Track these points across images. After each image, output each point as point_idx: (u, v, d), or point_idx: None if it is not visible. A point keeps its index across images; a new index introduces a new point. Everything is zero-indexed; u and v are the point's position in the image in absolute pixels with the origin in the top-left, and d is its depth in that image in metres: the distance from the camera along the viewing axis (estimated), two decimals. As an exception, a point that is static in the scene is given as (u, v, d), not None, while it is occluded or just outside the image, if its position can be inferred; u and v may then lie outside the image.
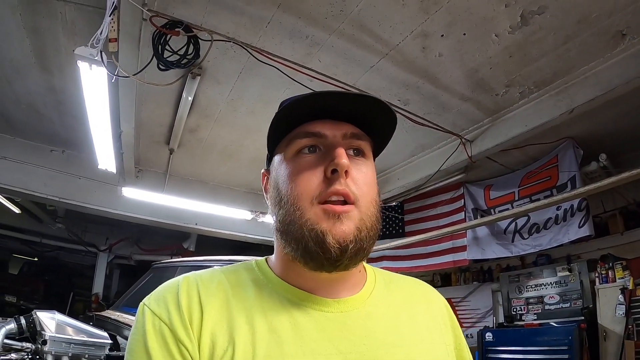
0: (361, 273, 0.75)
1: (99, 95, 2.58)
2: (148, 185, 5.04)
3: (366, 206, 0.65)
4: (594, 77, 3.01)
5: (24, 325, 3.13)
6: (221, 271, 0.72)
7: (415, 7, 2.52)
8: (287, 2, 2.47)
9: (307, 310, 0.66)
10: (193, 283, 0.66)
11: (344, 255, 0.62)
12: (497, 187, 4.57)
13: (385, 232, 5.92)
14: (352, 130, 0.69)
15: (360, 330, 0.66)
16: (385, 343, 0.66)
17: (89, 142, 3.59)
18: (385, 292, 0.76)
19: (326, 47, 2.86)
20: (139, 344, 0.60)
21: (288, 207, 0.66)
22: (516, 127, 3.50)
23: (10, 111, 4.25)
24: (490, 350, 4.29)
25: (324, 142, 0.67)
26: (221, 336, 0.60)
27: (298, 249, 0.64)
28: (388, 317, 0.71)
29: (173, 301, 0.63)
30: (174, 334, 0.59)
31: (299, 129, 0.69)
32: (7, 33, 3.03)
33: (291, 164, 0.68)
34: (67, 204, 5.04)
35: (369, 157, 0.72)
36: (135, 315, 0.64)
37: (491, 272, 5.27)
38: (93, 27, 2.73)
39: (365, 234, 0.64)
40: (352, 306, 0.68)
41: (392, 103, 3.40)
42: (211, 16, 2.57)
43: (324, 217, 0.62)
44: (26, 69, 3.47)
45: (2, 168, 4.81)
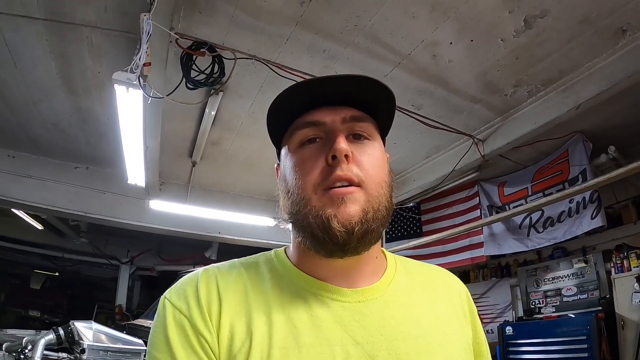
0: (379, 259, 0.76)
1: (133, 116, 2.82)
2: (171, 197, 5.28)
3: (373, 187, 0.66)
4: (598, 72, 3.15)
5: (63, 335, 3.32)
6: (240, 263, 0.75)
7: (425, 18, 2.71)
8: (304, 20, 2.69)
9: (324, 300, 0.67)
10: (212, 276, 0.69)
11: (350, 238, 0.62)
12: (510, 184, 4.72)
13: (403, 232, 6.11)
14: (351, 113, 0.69)
15: (377, 320, 0.67)
16: (403, 333, 0.66)
17: (114, 158, 3.83)
18: (406, 280, 0.77)
19: (342, 59, 3.08)
20: (160, 336, 0.62)
21: (294, 198, 0.67)
22: (526, 125, 3.66)
23: (36, 131, 4.51)
24: (510, 344, 4.41)
25: (324, 129, 0.69)
26: (239, 328, 0.62)
27: (306, 237, 0.66)
28: (407, 307, 0.71)
29: (193, 294, 0.65)
30: (194, 326, 0.62)
31: (299, 119, 0.71)
32: (33, 57, 3.26)
33: (295, 156, 0.70)
34: (93, 218, 5.29)
35: (374, 137, 0.73)
36: (157, 308, 0.68)
37: (509, 268, 5.40)
38: (119, 49, 3.01)
39: (371, 215, 0.64)
40: (370, 295, 0.69)
41: (406, 108, 3.60)
42: (233, 35, 2.80)
43: (329, 202, 0.63)
44: (52, 91, 3.70)
45: (28, 186, 5.08)
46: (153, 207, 4.97)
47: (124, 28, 2.73)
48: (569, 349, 3.85)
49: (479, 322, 0.82)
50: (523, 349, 4.26)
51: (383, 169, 0.70)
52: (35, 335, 3.63)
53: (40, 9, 2.72)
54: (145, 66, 2.22)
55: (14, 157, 5.12)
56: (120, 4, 2.63)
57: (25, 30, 2.94)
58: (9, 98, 3.85)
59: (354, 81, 0.67)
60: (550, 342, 4.02)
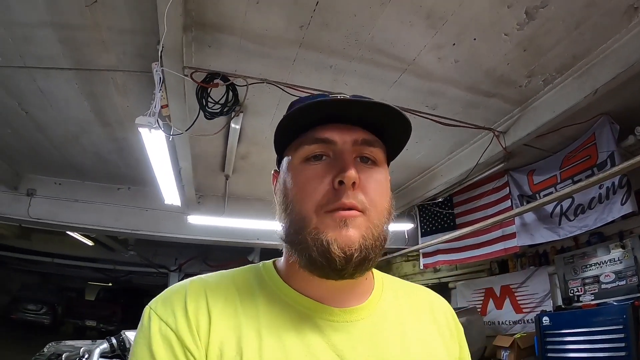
0: (368, 280, 0.76)
1: (159, 149, 3.16)
2: (209, 209, 5.68)
3: (375, 215, 0.66)
4: (613, 55, 3.10)
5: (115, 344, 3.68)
6: (229, 275, 0.74)
7: (422, 25, 2.82)
8: (306, 41, 2.89)
9: (313, 319, 0.67)
10: (201, 288, 0.68)
11: (348, 264, 0.62)
12: (539, 172, 4.71)
13: (437, 226, 6.21)
14: (363, 136, 0.68)
15: (366, 340, 0.67)
16: (391, 354, 0.67)
17: (152, 178, 4.20)
18: (392, 301, 0.78)
19: (350, 72, 3.25)
20: (143, 348, 0.61)
21: (294, 216, 0.66)
22: (545, 114, 3.66)
23: (79, 160, 5.00)
24: (548, 334, 4.41)
25: (334, 148, 0.67)
26: (229, 345, 0.62)
27: (303, 258, 0.65)
28: (394, 327, 0.72)
29: (180, 306, 0.64)
30: (181, 340, 0.61)
31: (309, 133, 0.68)
32: (67, 99, 3.69)
33: (299, 171, 0.68)
34: (138, 234, 5.78)
35: (382, 164, 0.72)
36: (141, 317, 0.65)
37: (547, 255, 5.37)
38: (141, 85, 3.35)
39: (370, 242, 0.64)
40: (358, 315, 0.70)
41: (421, 110, 3.71)
42: (243, 63, 3.04)
43: (330, 225, 0.63)
44: (88, 126, 4.15)
45: (76, 209, 5.63)
46: (192, 221, 5.37)
47: (142, 69, 3.06)
48: (605, 339, 3.83)
49: (464, 341, 0.84)
50: (561, 339, 4.25)
51: (386, 196, 0.70)
52: (92, 344, 4.02)
53: (67, 59, 3.12)
54: (163, 108, 2.51)
55: (60, 184, 5.68)
56: (137, 49, 2.97)
57: (55, 78, 3.36)
58: (50, 135, 4.34)
59: (370, 106, 0.66)
60: (586, 332, 4.01)
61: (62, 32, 2.89)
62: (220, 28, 2.76)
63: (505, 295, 5.82)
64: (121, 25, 2.80)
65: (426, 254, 6.73)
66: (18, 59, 3.17)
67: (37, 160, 5.17)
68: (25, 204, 5.65)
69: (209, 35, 2.82)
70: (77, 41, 2.98)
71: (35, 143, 4.67)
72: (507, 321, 5.77)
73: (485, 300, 6.23)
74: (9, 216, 5.70)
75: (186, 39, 2.75)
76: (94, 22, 2.78)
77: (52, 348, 4.33)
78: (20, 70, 3.30)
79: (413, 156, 4.92)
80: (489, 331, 5.72)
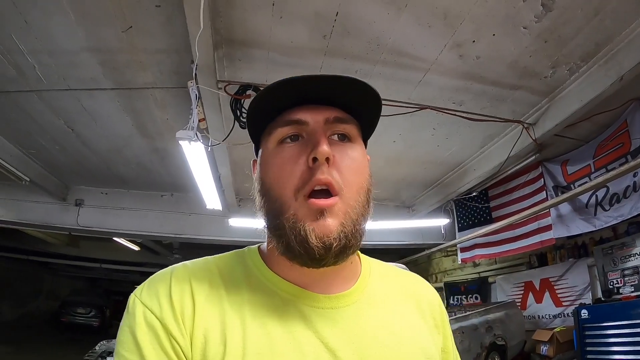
0: (354, 264, 0.77)
1: (199, 159, 3.49)
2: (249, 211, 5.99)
3: (352, 196, 0.66)
4: (637, 39, 3.09)
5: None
6: (213, 262, 0.74)
7: (440, 25, 2.95)
8: (330, 49, 3.10)
9: (297, 305, 0.68)
10: (185, 275, 0.68)
11: (327, 253, 0.62)
12: (573, 162, 4.72)
13: (474, 220, 6.28)
14: (335, 114, 0.69)
15: (350, 327, 0.68)
16: (375, 341, 0.67)
17: (193, 184, 4.53)
18: (379, 287, 0.78)
19: (375, 75, 3.42)
20: (128, 335, 0.61)
21: (272, 201, 0.67)
22: (573, 103, 3.69)
23: (123, 171, 5.43)
24: (586, 327, 4.36)
25: (306, 129, 0.68)
26: (213, 333, 0.62)
27: (281, 245, 0.66)
28: (380, 314, 0.73)
29: (165, 294, 0.64)
30: (166, 328, 0.61)
31: (280, 117, 0.69)
32: (110, 115, 4.06)
33: (274, 155, 0.69)
34: (181, 238, 6.18)
35: (357, 140, 0.72)
36: (127, 305, 0.65)
37: (586, 247, 5.33)
38: (179, 99, 3.66)
39: (350, 228, 0.64)
40: (343, 302, 0.70)
41: (448, 107, 3.84)
42: (272, 73, 3.29)
43: (308, 214, 0.63)
44: (131, 139, 4.52)
45: (123, 217, 6.08)
46: (232, 224, 5.71)
47: (179, 84, 3.37)
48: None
49: (450, 331, 0.85)
50: (600, 333, 4.21)
51: (363, 173, 0.70)
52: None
53: (108, 80, 3.47)
54: (200, 121, 2.78)
55: (106, 194, 6.15)
56: (172, 66, 3.28)
57: (98, 97, 3.73)
58: (95, 149, 4.77)
59: (338, 81, 0.66)
60: (626, 325, 3.97)
61: (102, 55, 3.23)
62: (248, 43, 3.01)
63: (545, 288, 5.81)
64: (156, 46, 3.11)
65: (464, 248, 6.81)
66: (62, 82, 3.55)
67: (84, 172, 5.65)
68: (74, 214, 6.16)
69: (239, 50, 3.08)
70: (116, 63, 3.31)
71: (82, 157, 5.11)
72: (547, 315, 5.76)
73: (525, 294, 6.23)
74: (60, 225, 6.25)
75: (217, 55, 3.02)
76: (131, 45, 3.10)
77: (104, 346, 4.76)
78: (64, 92, 3.68)
79: (444, 153, 5.04)
80: (529, 325, 5.72)
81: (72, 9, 2.77)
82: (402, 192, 6.62)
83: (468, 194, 6.04)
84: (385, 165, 5.37)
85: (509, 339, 5.09)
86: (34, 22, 2.90)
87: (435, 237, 7.11)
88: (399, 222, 6.74)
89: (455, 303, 8.09)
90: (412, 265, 9.46)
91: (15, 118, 4.22)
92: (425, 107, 3.76)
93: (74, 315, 13.07)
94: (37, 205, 6.12)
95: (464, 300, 7.91)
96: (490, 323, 4.95)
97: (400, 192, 6.57)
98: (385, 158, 5.15)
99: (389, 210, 7.00)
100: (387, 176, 5.80)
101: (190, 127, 2.82)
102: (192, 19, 2.48)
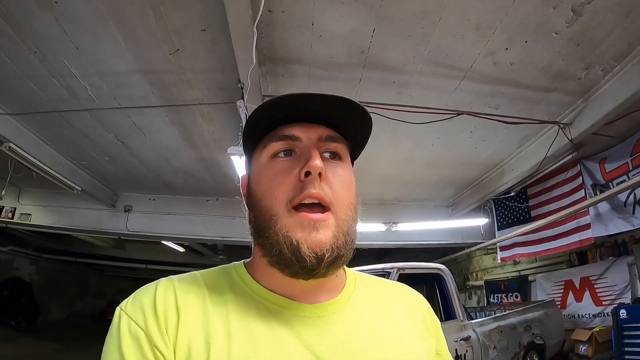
0: (339, 277, 0.78)
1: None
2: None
3: (342, 210, 0.68)
4: None
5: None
6: (199, 274, 0.75)
7: (473, 36, 3.09)
8: (369, 63, 3.29)
9: (283, 314, 0.68)
10: (170, 287, 0.69)
11: (320, 264, 0.64)
12: (611, 160, 4.72)
13: (513, 219, 6.32)
14: (327, 132, 0.71)
15: (337, 334, 0.68)
16: (363, 347, 0.68)
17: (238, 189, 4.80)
18: (364, 296, 0.79)
19: (412, 85, 3.60)
20: (113, 348, 0.61)
21: (263, 213, 0.68)
22: (608, 103, 3.73)
23: (170, 179, 5.80)
24: (625, 328, 4.34)
25: (299, 145, 0.70)
26: (197, 341, 0.62)
27: (273, 255, 0.67)
28: (367, 321, 0.73)
29: (149, 305, 0.65)
30: (149, 338, 0.61)
31: (274, 132, 0.71)
32: (158, 129, 4.39)
33: (266, 167, 0.71)
34: (227, 241, 6.51)
35: (346, 159, 0.75)
36: (113, 317, 0.66)
37: (626, 245, 5.31)
38: (225, 112, 3.94)
39: (342, 240, 0.66)
40: (329, 310, 0.71)
41: (483, 112, 3.96)
42: (313, 87, 3.51)
43: (299, 226, 0.64)
44: (178, 150, 4.86)
45: (170, 221, 6.46)
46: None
47: (225, 100, 3.65)
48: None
49: (442, 334, 0.86)
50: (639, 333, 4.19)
51: (352, 190, 0.72)
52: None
53: (157, 98, 3.79)
54: (250, 138, 3.05)
55: (154, 200, 6.55)
56: (218, 83, 3.55)
57: (148, 113, 4.06)
58: (144, 159, 5.16)
59: (331, 101, 0.68)
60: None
61: (151, 76, 3.53)
62: (290, 60, 3.25)
63: (585, 287, 5.81)
64: (202, 65, 3.38)
65: (503, 247, 6.86)
66: (112, 100, 3.88)
67: (132, 180, 6.06)
68: (124, 219, 6.59)
69: (281, 67, 3.32)
70: (164, 82, 3.61)
71: (131, 167, 5.50)
72: (586, 314, 5.76)
73: (565, 292, 6.23)
74: (110, 231, 6.71)
75: (261, 72, 3.27)
76: (178, 66, 3.39)
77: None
78: (115, 110, 4.01)
79: (481, 154, 5.15)
80: (568, 324, 5.73)
81: (121, 36, 3.06)
82: (441, 193, 6.74)
83: (507, 194, 6.10)
84: (424, 167, 5.53)
85: (547, 339, 5.12)
86: (84, 48, 3.21)
87: (475, 237, 7.18)
88: (439, 222, 6.84)
89: (495, 301, 8.12)
90: (453, 264, 9.53)
91: (67, 133, 4.62)
92: (461, 112, 3.90)
93: (119, 314, 13.74)
94: (88, 212, 6.60)
95: (504, 299, 7.93)
96: (529, 322, 5.00)
97: (439, 192, 6.71)
98: (425, 161, 5.32)
99: (429, 210, 7.13)
100: (426, 177, 5.95)
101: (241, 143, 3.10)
102: (238, 44, 2.74)
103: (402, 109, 3.67)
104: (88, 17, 2.89)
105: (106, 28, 2.99)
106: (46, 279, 13.07)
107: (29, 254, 11.84)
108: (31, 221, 6.58)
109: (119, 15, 2.88)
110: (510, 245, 6.64)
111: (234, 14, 2.52)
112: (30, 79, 3.61)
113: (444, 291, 4.46)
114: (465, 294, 9.63)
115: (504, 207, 6.58)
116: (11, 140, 4.23)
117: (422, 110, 3.73)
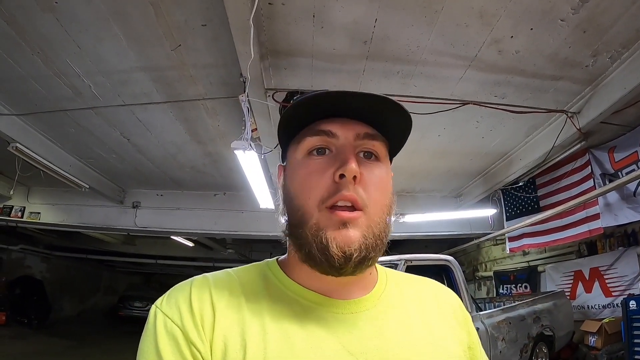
0: (372, 275, 0.78)
1: (253, 165, 3.77)
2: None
3: (376, 212, 0.67)
4: None
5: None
6: (234, 272, 0.75)
7: (477, 24, 3.04)
8: (372, 54, 3.26)
9: (317, 311, 0.69)
10: (205, 285, 0.69)
11: (347, 263, 0.64)
12: (620, 149, 4.65)
13: (522, 209, 6.27)
14: (365, 130, 0.70)
15: (370, 330, 0.69)
16: (396, 343, 0.68)
17: (245, 184, 4.81)
18: (396, 292, 0.79)
19: (416, 75, 3.57)
20: (150, 346, 0.62)
21: (296, 210, 0.69)
22: (616, 91, 3.66)
23: (177, 175, 5.83)
24: (635, 319, 4.28)
25: (335, 142, 0.69)
26: (233, 338, 0.63)
27: (303, 253, 0.67)
28: (399, 317, 0.74)
29: (185, 302, 0.65)
30: (186, 335, 0.62)
31: (311, 126, 0.70)
32: (163, 125, 4.41)
33: (301, 165, 0.70)
34: (235, 235, 6.54)
35: (384, 159, 0.73)
36: (148, 316, 0.67)
37: (635, 235, 5.24)
38: (229, 107, 3.92)
39: (371, 242, 0.66)
40: (362, 307, 0.72)
41: (489, 101, 3.91)
42: (317, 79, 3.49)
43: (330, 224, 0.65)
44: (184, 145, 4.87)
45: (178, 216, 6.50)
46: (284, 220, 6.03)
47: (228, 94, 3.64)
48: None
49: (474, 329, 0.86)
50: None
51: (387, 192, 0.72)
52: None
53: (160, 94, 3.79)
54: (253, 132, 3.03)
55: (162, 195, 6.59)
56: (220, 78, 3.55)
57: (152, 110, 4.08)
58: (151, 156, 5.18)
59: (373, 99, 0.67)
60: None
61: (153, 73, 3.54)
62: (292, 53, 3.22)
63: (595, 278, 5.75)
64: (204, 61, 3.38)
65: (512, 237, 6.81)
66: (117, 98, 3.90)
67: (140, 177, 6.10)
68: (132, 215, 6.64)
69: (283, 60, 3.30)
70: (167, 78, 3.61)
71: (137, 163, 5.54)
72: (596, 305, 5.71)
73: (575, 283, 6.18)
74: (119, 227, 6.78)
75: (263, 65, 3.25)
76: (181, 62, 3.39)
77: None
78: (119, 107, 4.03)
79: (488, 144, 5.09)
80: (578, 315, 5.69)
81: (123, 34, 3.08)
82: (449, 183, 6.70)
83: (515, 184, 6.04)
84: (431, 158, 5.49)
85: (556, 330, 5.09)
86: (86, 47, 3.23)
87: (483, 227, 7.14)
88: (447, 213, 6.81)
89: (504, 292, 8.08)
90: (462, 255, 9.51)
91: (73, 132, 4.66)
92: (467, 102, 3.86)
93: (130, 308, 14.01)
94: (97, 209, 6.68)
95: (514, 290, 7.89)
96: (538, 313, 4.97)
97: (446, 183, 6.66)
98: (431, 151, 5.27)
99: (436, 201, 7.09)
100: (433, 168, 5.91)
101: (244, 138, 3.09)
102: (239, 38, 2.72)
103: (407, 100, 3.63)
104: (89, 16, 2.91)
105: (107, 27, 3.00)
106: (57, 276, 13.24)
107: (39, 252, 11.99)
108: (40, 219, 6.67)
109: (119, 14, 2.89)
110: (519, 236, 6.59)
111: (233, 7, 2.50)
112: (35, 79, 3.64)
113: (452, 283, 4.44)
114: (475, 284, 9.60)
115: (512, 198, 6.52)
116: (18, 141, 4.28)
117: (428, 101, 3.69)
